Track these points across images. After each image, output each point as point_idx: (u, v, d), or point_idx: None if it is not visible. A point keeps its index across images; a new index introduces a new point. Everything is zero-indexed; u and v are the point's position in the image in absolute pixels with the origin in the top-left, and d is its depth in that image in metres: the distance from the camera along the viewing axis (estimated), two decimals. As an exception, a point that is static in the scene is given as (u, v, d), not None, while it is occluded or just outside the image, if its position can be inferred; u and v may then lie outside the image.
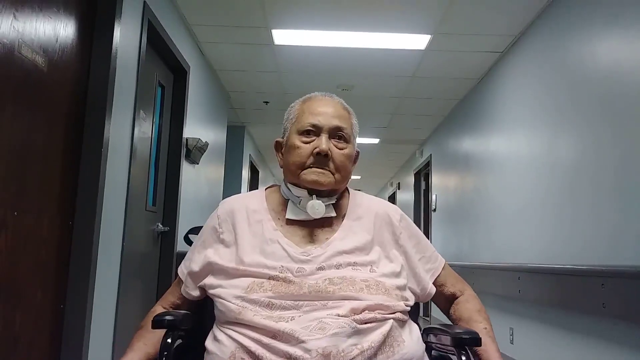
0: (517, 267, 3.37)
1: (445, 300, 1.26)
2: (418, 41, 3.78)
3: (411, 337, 1.07)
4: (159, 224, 3.32)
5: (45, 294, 2.08)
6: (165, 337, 1.05)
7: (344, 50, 3.98)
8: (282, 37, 3.79)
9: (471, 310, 1.20)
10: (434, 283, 1.24)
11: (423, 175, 7.31)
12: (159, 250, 3.38)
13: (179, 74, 3.62)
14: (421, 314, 5.95)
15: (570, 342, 2.79)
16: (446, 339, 1.09)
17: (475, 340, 1.04)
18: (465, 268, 4.29)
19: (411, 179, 7.84)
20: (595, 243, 2.56)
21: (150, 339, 1.12)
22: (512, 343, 3.58)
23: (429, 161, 6.61)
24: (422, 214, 7.28)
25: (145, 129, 3.04)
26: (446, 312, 1.27)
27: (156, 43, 3.12)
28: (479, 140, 4.61)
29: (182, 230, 3.53)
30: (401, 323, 1.07)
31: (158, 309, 1.20)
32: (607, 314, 2.34)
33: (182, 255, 3.81)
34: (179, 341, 1.10)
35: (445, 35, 3.68)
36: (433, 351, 1.17)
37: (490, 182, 4.24)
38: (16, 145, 1.86)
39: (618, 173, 2.41)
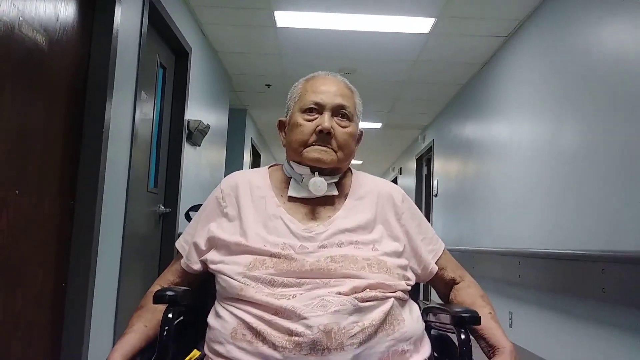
0: (518, 252, 3.38)
1: (445, 285, 1.26)
2: (422, 24, 3.75)
3: (411, 316, 1.08)
4: (161, 205, 3.32)
5: (47, 274, 2.09)
6: (166, 312, 1.04)
7: (346, 33, 3.95)
8: (285, 19, 3.76)
9: (474, 295, 1.21)
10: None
11: (425, 161, 7.29)
12: (160, 232, 3.39)
13: (181, 55, 3.59)
14: (421, 297, 5.98)
15: (569, 326, 2.80)
16: (445, 318, 1.09)
17: (475, 319, 1.04)
18: (466, 253, 4.30)
19: (413, 164, 7.82)
20: (597, 228, 2.56)
21: (150, 321, 1.11)
22: (511, 327, 3.60)
23: (431, 146, 6.60)
24: (424, 199, 7.28)
25: (147, 110, 3.03)
26: (445, 296, 1.27)
27: (157, 23, 3.09)
28: (481, 126, 4.59)
29: (183, 211, 3.53)
30: (402, 302, 1.08)
31: (156, 288, 1.17)
32: (607, 299, 2.35)
33: (183, 237, 3.69)
34: (179, 317, 1.10)
35: (450, 19, 3.64)
36: (432, 330, 1.18)
37: (492, 168, 4.23)
38: (16, 124, 1.85)
39: (620, 159, 2.40)
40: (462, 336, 1.02)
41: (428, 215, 6.53)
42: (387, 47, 4.20)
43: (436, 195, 6.26)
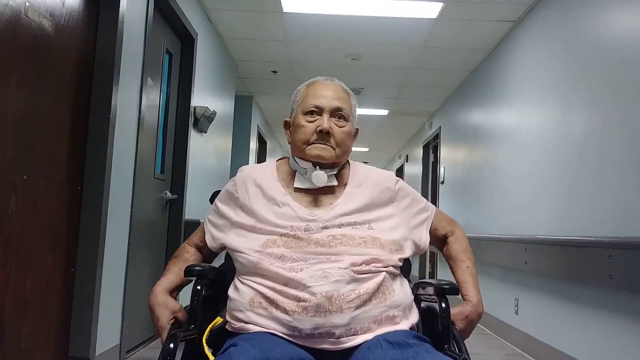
0: (524, 239, 3.37)
1: (438, 241, 1.47)
2: (430, 9, 3.71)
3: (401, 288, 1.25)
4: (167, 191, 3.33)
5: (55, 259, 2.11)
6: (195, 284, 1.22)
7: (353, 18, 3.92)
8: (291, 4, 3.73)
9: (458, 250, 1.43)
10: (429, 229, 1.43)
11: (432, 148, 7.26)
12: (167, 218, 3.40)
13: (187, 41, 3.58)
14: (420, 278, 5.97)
15: (575, 313, 2.80)
16: (431, 290, 1.29)
17: (454, 290, 1.27)
18: (472, 240, 4.28)
19: (420, 152, 7.80)
20: (604, 215, 2.55)
21: (184, 267, 1.29)
22: (517, 314, 3.61)
23: (438, 133, 6.56)
24: (430, 187, 7.27)
25: (153, 96, 3.03)
26: (440, 250, 1.49)
27: (163, 9, 3.08)
28: (488, 113, 4.56)
29: (190, 198, 3.56)
30: (393, 276, 1.25)
31: (187, 246, 1.42)
32: (614, 285, 2.34)
33: (190, 223, 3.80)
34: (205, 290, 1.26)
35: (458, 3, 3.60)
36: (422, 303, 1.34)
37: (499, 155, 4.21)
38: (24, 109, 1.86)
39: (628, 145, 2.38)
40: (443, 304, 1.22)
41: (434, 203, 6.51)
42: (394, 33, 4.17)
43: (443, 182, 6.25)
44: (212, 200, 1.49)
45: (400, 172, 9.60)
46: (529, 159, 3.56)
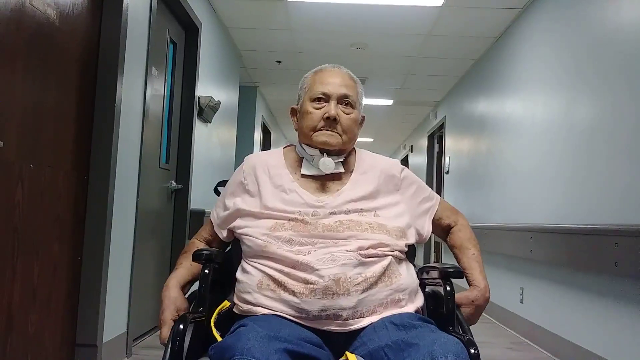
0: (530, 228, 3.37)
1: (442, 230, 1.49)
2: (434, -3, 3.69)
3: (407, 272, 1.27)
4: (173, 181, 3.34)
5: (62, 247, 2.12)
6: (204, 268, 1.24)
7: (358, 6, 3.89)
8: (295, -8, 3.72)
9: (462, 238, 1.44)
10: (433, 218, 1.44)
11: (437, 138, 7.24)
12: (172, 207, 3.41)
13: (191, 30, 3.57)
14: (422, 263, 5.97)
15: (581, 301, 2.80)
16: (435, 273, 1.32)
17: (459, 273, 1.27)
18: (477, 229, 4.28)
19: (424, 142, 7.77)
20: (610, 202, 2.54)
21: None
22: (522, 302, 3.61)
23: (443, 123, 6.54)
24: (435, 177, 7.26)
25: (158, 86, 3.03)
26: (444, 239, 1.50)
27: (167, -2, 3.08)
28: (494, 102, 4.54)
29: (195, 187, 3.56)
30: (399, 261, 1.27)
31: (195, 241, 1.44)
32: (620, 272, 2.34)
33: (196, 212, 3.81)
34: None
35: (463, -9, 3.57)
36: (427, 287, 1.36)
37: (504, 144, 4.19)
38: (29, 98, 1.86)
39: (634, 133, 2.36)
40: (447, 287, 1.24)
41: (439, 193, 6.50)
42: (399, 21, 4.14)
43: (447, 172, 6.24)
44: (216, 189, 1.50)
45: (405, 163, 9.58)
46: (535, 147, 3.55)
